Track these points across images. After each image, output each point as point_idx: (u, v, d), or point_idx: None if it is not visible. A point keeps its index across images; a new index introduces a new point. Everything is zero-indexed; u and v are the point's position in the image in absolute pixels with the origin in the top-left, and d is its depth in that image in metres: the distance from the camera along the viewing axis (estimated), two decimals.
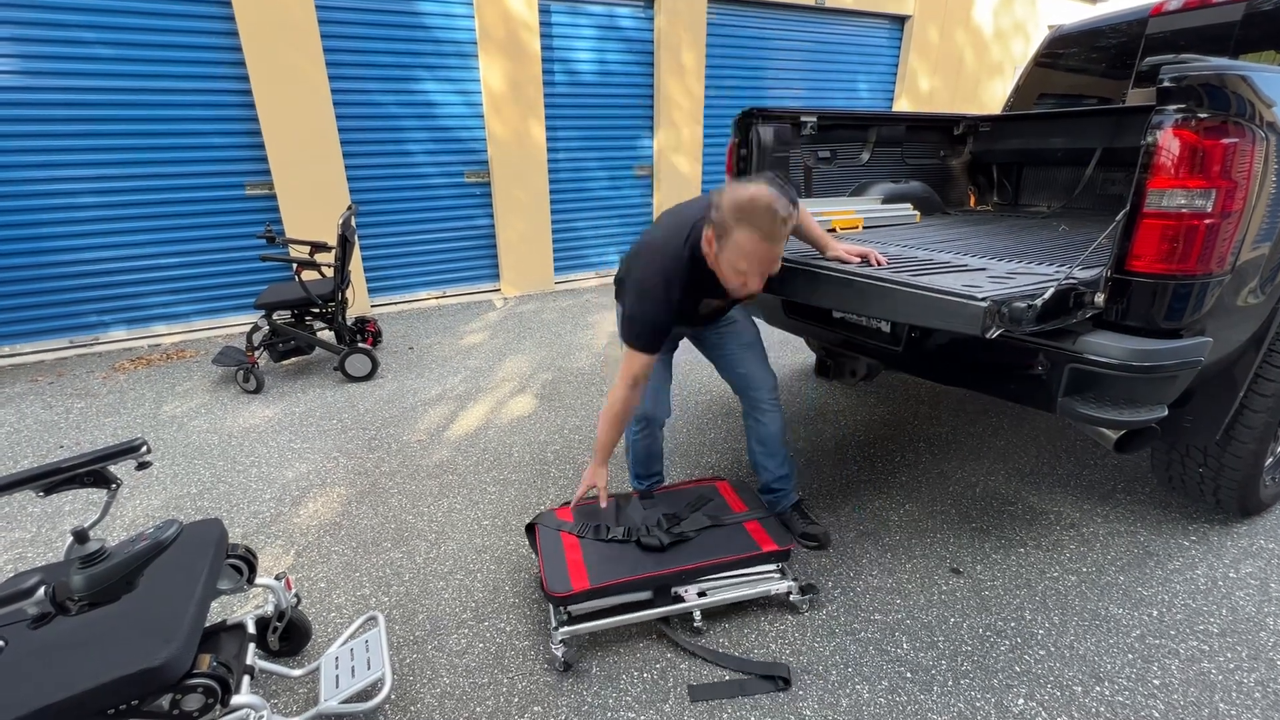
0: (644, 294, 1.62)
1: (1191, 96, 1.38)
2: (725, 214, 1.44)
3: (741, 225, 1.43)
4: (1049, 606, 1.85)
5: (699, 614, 1.73)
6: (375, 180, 4.77)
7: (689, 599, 1.72)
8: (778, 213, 1.42)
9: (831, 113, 2.85)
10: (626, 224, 6.03)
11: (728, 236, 1.46)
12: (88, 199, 3.96)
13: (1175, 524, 2.22)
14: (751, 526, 1.88)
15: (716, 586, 1.77)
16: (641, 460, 2.12)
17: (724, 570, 1.76)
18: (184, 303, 4.43)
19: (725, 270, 1.54)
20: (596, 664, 1.65)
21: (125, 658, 1.03)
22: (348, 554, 2.10)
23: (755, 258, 1.47)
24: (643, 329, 1.64)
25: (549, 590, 1.63)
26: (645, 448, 2.09)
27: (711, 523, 1.87)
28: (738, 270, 1.51)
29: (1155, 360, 1.48)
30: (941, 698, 1.55)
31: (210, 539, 1.35)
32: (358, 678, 1.45)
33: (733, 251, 1.47)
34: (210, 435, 2.94)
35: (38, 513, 2.33)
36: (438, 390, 3.44)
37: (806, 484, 2.49)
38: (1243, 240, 1.52)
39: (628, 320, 1.66)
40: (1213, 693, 1.56)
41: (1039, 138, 3.23)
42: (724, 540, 1.82)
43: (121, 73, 3.85)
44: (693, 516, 1.89)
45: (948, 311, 1.42)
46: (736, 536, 1.84)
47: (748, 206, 1.42)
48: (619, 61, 5.45)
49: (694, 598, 1.72)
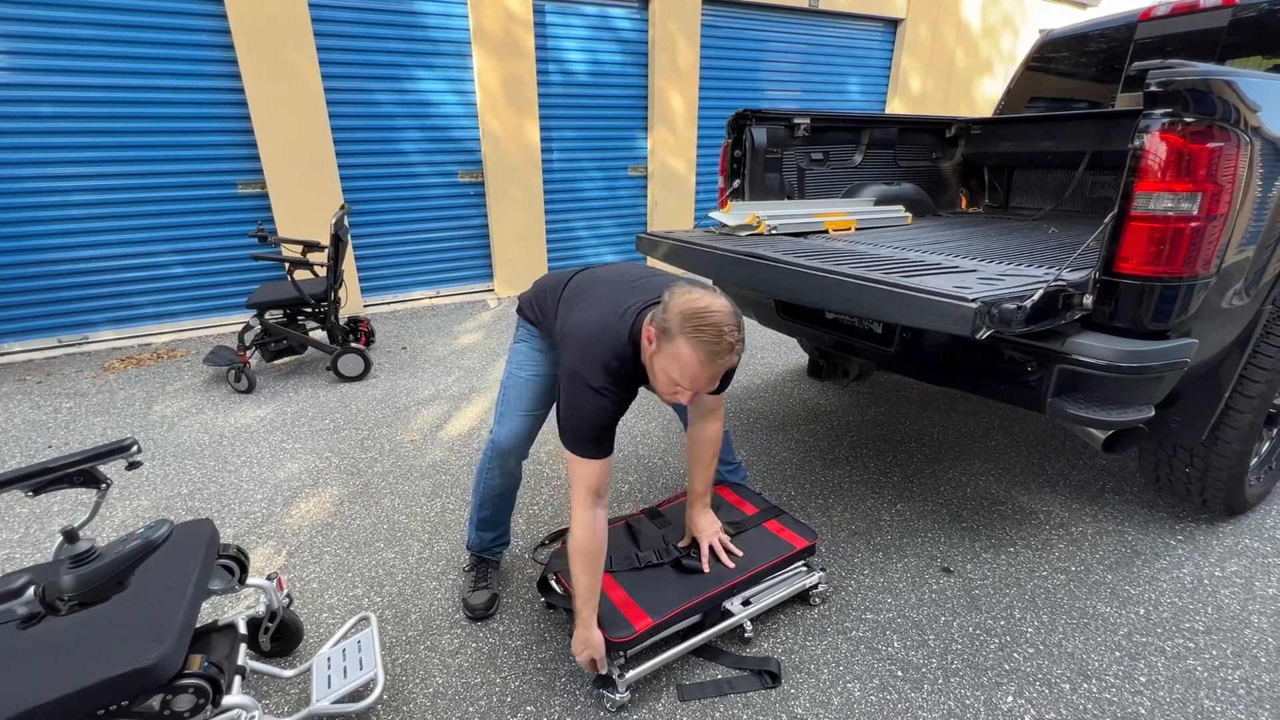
0: (585, 391, 1.38)
1: (1178, 101, 1.40)
2: (673, 318, 1.27)
3: (687, 336, 1.25)
4: (1038, 605, 1.87)
5: (749, 623, 1.70)
6: (369, 179, 4.75)
7: (736, 612, 1.66)
8: (725, 336, 1.25)
9: (825, 114, 2.87)
10: (621, 224, 6.04)
11: (669, 341, 1.28)
12: (77, 196, 3.92)
13: (1162, 523, 2.25)
14: (773, 526, 1.88)
15: (758, 593, 1.74)
16: (493, 504, 1.83)
17: (768, 576, 1.75)
18: (175, 302, 4.39)
19: (658, 373, 1.36)
20: None
21: (116, 658, 1.02)
22: (340, 554, 2.09)
23: (690, 374, 1.29)
24: (590, 430, 1.40)
25: (611, 639, 1.48)
26: (502, 488, 1.81)
27: (734, 530, 1.85)
28: (670, 378, 1.33)
29: (1142, 361, 1.50)
30: (931, 695, 1.57)
31: (201, 539, 1.35)
32: (350, 678, 1.45)
33: (670, 359, 1.30)
34: (201, 435, 2.92)
35: (26, 513, 2.31)
36: (431, 390, 3.43)
37: (799, 484, 2.50)
38: (1228, 243, 1.54)
39: (571, 424, 1.41)
40: (1198, 689, 1.58)
41: (1030, 141, 3.26)
42: (754, 545, 1.80)
43: (112, 70, 3.82)
44: None
45: (939, 312, 1.44)
46: (764, 539, 1.84)
47: (698, 318, 1.25)
48: (613, 61, 5.45)
49: (740, 609, 1.67)
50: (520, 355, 1.79)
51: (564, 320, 1.53)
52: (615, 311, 1.43)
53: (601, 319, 1.43)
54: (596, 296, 1.51)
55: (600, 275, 1.62)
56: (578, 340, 1.43)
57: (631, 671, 1.52)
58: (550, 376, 1.76)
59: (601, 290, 1.53)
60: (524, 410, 1.75)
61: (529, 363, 1.77)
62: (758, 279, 1.97)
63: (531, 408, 1.76)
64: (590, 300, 1.51)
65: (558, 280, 1.69)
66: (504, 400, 1.78)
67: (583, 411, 1.40)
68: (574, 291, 1.59)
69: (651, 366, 1.38)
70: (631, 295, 1.46)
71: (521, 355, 1.78)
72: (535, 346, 1.78)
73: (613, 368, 1.39)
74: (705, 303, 1.27)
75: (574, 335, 1.44)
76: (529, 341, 1.79)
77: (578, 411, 1.40)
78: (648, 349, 1.37)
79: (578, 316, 1.48)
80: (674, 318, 1.27)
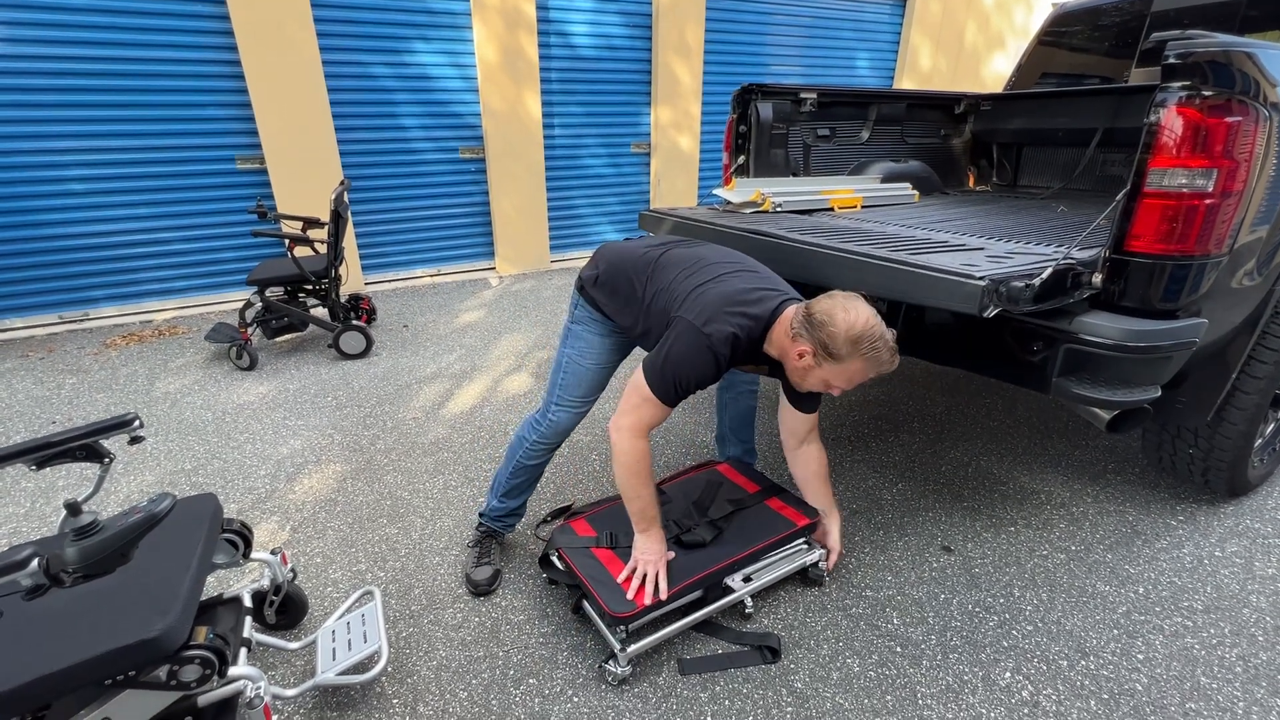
0: (701, 350, 1.42)
1: (1196, 73, 1.37)
2: (839, 343, 1.37)
3: (860, 357, 1.38)
4: (1038, 583, 1.88)
5: (750, 600, 1.71)
6: (368, 155, 4.69)
7: (737, 588, 1.68)
8: (889, 347, 1.39)
9: (832, 89, 2.82)
10: (624, 201, 5.97)
11: (838, 362, 1.39)
12: (76, 171, 3.88)
13: (1163, 504, 2.25)
14: (774, 504, 1.89)
15: (759, 569, 1.75)
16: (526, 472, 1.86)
17: (769, 552, 1.76)
18: (176, 278, 4.37)
19: (813, 380, 1.48)
20: (590, 639, 1.67)
21: (122, 629, 1.03)
22: (343, 530, 2.10)
23: (857, 379, 1.44)
24: (684, 382, 1.45)
25: (614, 613, 1.51)
26: (537, 469, 1.88)
27: (735, 507, 1.86)
28: (830, 384, 1.47)
29: (1151, 341, 1.48)
30: (930, 671, 1.58)
31: (205, 513, 1.35)
32: (354, 650, 1.47)
33: (837, 373, 1.43)
34: (204, 412, 2.93)
35: (31, 488, 2.32)
36: (433, 368, 3.43)
37: None
38: (1242, 222, 1.51)
39: (668, 369, 1.44)
40: (1195, 667, 1.60)
41: (1040, 117, 3.21)
42: (755, 522, 1.81)
43: (107, 40, 3.74)
44: (716, 503, 1.88)
45: (946, 290, 1.42)
46: (765, 516, 1.84)
47: (867, 340, 1.36)
48: (617, 34, 5.35)
49: (740, 585, 1.69)
50: (582, 342, 1.75)
51: (675, 285, 1.54)
52: (753, 294, 1.50)
53: (740, 294, 1.48)
54: (727, 273, 1.55)
55: (713, 255, 1.63)
56: (708, 303, 1.46)
57: (633, 645, 1.54)
58: (611, 366, 1.78)
59: (726, 268, 1.57)
60: (583, 398, 1.77)
61: (592, 351, 1.74)
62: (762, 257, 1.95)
63: (589, 396, 1.79)
64: (717, 272, 1.54)
65: (634, 253, 1.67)
66: (563, 385, 1.76)
67: (686, 364, 1.43)
68: (680, 261, 1.60)
69: (803, 374, 1.48)
70: (763, 282, 1.56)
71: (584, 343, 1.75)
72: (597, 332, 1.74)
73: (738, 341, 1.44)
74: (865, 322, 1.37)
75: (704, 299, 1.47)
76: (589, 326, 1.74)
77: (682, 363, 1.43)
78: (794, 360, 1.46)
79: (706, 285, 1.51)
80: (842, 343, 1.37)
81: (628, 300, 1.63)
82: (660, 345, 1.48)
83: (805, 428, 1.79)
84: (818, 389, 1.53)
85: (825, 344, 1.38)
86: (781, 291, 1.55)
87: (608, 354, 1.76)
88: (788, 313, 1.48)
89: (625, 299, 1.63)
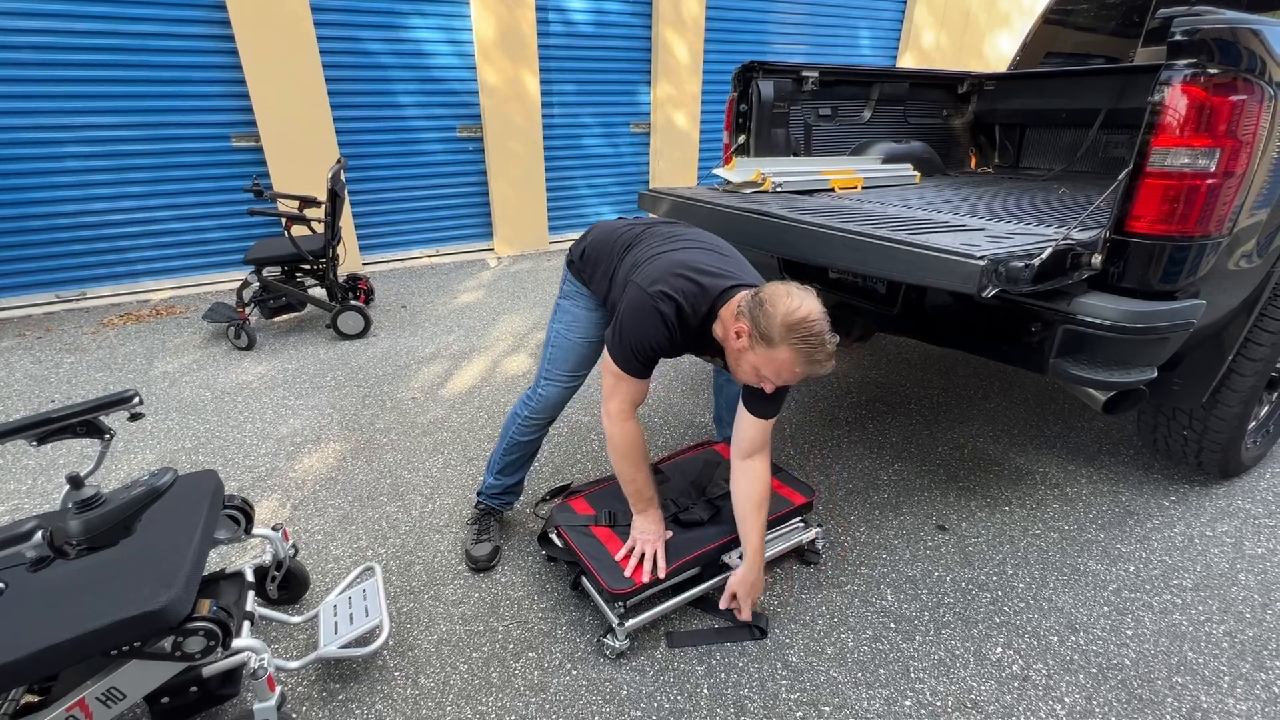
0: (653, 316, 1.41)
1: (1203, 51, 1.35)
2: (775, 327, 1.30)
3: (791, 344, 1.30)
4: (1030, 562, 1.91)
5: None
6: (365, 133, 4.64)
7: (734, 565, 1.68)
8: (826, 345, 1.31)
9: (833, 68, 2.78)
10: (622, 181, 5.93)
11: (769, 348, 1.32)
12: (71, 150, 3.84)
13: (1156, 485, 2.27)
14: (771, 483, 1.90)
15: None
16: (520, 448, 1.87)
17: (765, 531, 1.77)
18: (172, 258, 4.35)
19: (745, 366, 1.41)
20: (589, 614, 1.70)
21: (126, 601, 1.04)
22: (344, 507, 2.12)
23: (784, 376, 1.36)
24: (642, 352, 1.45)
25: (612, 590, 1.52)
26: (530, 445, 1.88)
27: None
28: (760, 374, 1.39)
29: (1149, 322, 1.49)
30: (923, 646, 1.61)
31: (207, 489, 1.36)
32: (356, 624, 1.49)
33: (766, 360, 1.35)
34: (203, 391, 2.93)
35: (33, 465, 2.34)
36: (431, 349, 3.43)
37: (798, 443, 2.52)
38: (1242, 203, 1.51)
39: (629, 341, 1.44)
40: (1182, 643, 1.63)
41: (1043, 97, 3.17)
42: None
43: (101, 15, 3.68)
44: (714, 482, 1.88)
45: (945, 270, 1.42)
46: None
47: (803, 329, 1.29)
48: (616, 10, 5.26)
49: (737, 562, 1.68)
50: (569, 316, 1.76)
51: (640, 256, 1.53)
52: (709, 267, 1.47)
53: (694, 263, 1.47)
54: (690, 246, 1.54)
55: (687, 233, 1.63)
56: (658, 267, 1.45)
57: (631, 621, 1.56)
58: (600, 341, 1.77)
59: (694, 245, 1.56)
60: (571, 372, 1.78)
61: (579, 325, 1.75)
62: (762, 237, 1.94)
63: (578, 371, 1.79)
64: (685, 245, 1.54)
65: (619, 229, 1.68)
66: (551, 359, 1.78)
67: (638, 329, 1.43)
68: (656, 236, 1.60)
69: (737, 357, 1.42)
70: (727, 265, 1.51)
71: (571, 316, 1.76)
72: (584, 306, 1.75)
73: (685, 315, 1.43)
74: (806, 311, 1.30)
75: (656, 264, 1.46)
76: (576, 300, 1.76)
77: (634, 328, 1.43)
78: (732, 340, 1.40)
79: (670, 253, 1.50)
80: (777, 327, 1.30)
81: (605, 273, 1.64)
82: (615, 317, 1.49)
83: (757, 437, 1.56)
84: (750, 380, 1.43)
85: (761, 324, 1.32)
86: (741, 279, 1.48)
87: (595, 328, 1.76)
88: (741, 295, 1.43)
89: (604, 272, 1.64)
